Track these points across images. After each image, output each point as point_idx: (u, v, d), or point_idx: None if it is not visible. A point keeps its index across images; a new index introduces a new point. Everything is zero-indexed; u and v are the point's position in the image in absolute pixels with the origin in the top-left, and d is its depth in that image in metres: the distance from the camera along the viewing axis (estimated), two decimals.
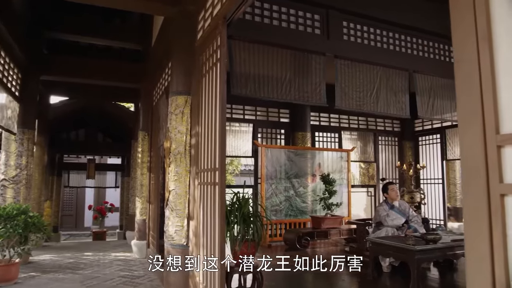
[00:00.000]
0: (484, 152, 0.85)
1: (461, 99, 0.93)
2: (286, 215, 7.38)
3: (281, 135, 8.40)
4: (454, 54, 0.98)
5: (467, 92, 0.91)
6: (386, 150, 9.87)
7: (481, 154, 0.86)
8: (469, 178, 0.91)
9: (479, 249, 0.87)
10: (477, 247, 0.87)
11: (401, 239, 4.31)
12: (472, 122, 0.88)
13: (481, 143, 0.86)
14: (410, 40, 5.50)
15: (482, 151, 0.86)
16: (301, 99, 4.74)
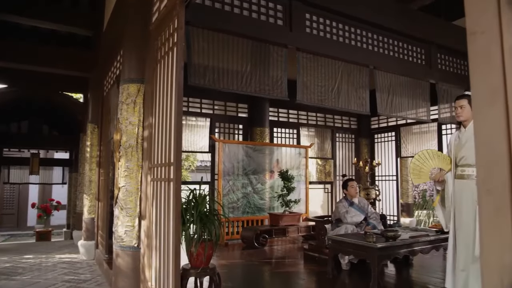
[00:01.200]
0: (508, 140, 0.68)
1: (476, 78, 0.76)
2: (243, 213, 7.20)
3: (239, 130, 8.20)
4: (468, 25, 0.81)
5: (484, 68, 0.74)
6: (343, 147, 9.96)
7: (503, 142, 0.69)
8: (487, 172, 0.74)
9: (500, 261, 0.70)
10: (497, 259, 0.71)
11: (361, 237, 4.25)
12: (493, 102, 0.71)
13: (503, 130, 0.69)
14: (371, 37, 5.47)
15: (504, 138, 0.69)
16: (262, 92, 4.55)
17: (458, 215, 3.28)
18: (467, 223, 3.16)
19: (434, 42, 6.20)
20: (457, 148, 3.37)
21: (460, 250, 3.21)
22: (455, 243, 3.26)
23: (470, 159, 3.25)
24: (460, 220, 3.25)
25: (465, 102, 3.32)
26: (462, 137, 3.36)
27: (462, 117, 3.34)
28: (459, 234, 3.23)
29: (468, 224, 3.15)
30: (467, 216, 3.17)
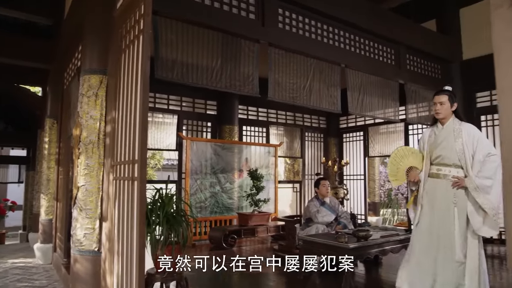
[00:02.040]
0: None
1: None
2: (211, 212, 7.01)
3: (208, 128, 8.00)
4: None
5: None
6: (312, 146, 9.95)
7: None
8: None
9: None
10: None
11: (332, 237, 4.18)
12: None
13: None
14: (343, 35, 5.43)
15: None
16: (233, 88, 4.39)
17: (429, 214, 3.17)
18: (443, 225, 3.07)
19: (403, 43, 6.26)
20: (432, 146, 3.26)
21: (429, 252, 3.10)
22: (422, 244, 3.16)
23: (447, 159, 3.17)
24: (432, 221, 3.14)
25: (445, 98, 3.20)
26: (439, 135, 3.25)
27: (441, 114, 3.22)
28: (430, 235, 3.12)
29: (444, 226, 3.06)
30: (443, 218, 3.08)
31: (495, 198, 2.98)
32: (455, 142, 3.13)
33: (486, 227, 3.01)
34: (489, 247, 6.44)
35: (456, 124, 3.20)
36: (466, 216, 3.03)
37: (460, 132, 3.14)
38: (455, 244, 2.99)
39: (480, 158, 3.04)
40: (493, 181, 2.99)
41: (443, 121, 3.25)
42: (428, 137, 3.34)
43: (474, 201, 3.01)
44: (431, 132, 3.35)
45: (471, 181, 3.00)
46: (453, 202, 3.05)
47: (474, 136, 3.13)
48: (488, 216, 2.98)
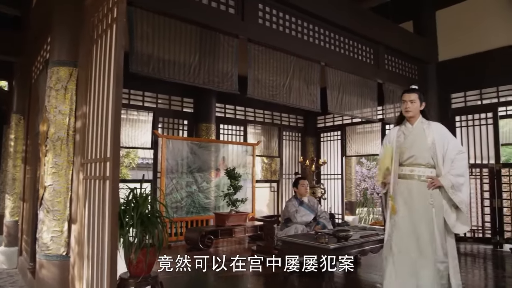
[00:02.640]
0: None
1: None
2: (187, 212, 6.83)
3: (184, 126, 7.80)
4: None
5: None
6: (289, 145, 9.90)
7: None
8: None
9: None
10: None
11: (312, 237, 4.11)
12: None
13: None
14: (323, 33, 5.37)
15: None
16: (211, 84, 4.24)
17: (408, 217, 3.08)
18: (422, 227, 3.01)
19: (382, 43, 6.27)
20: (403, 146, 3.18)
21: (410, 254, 3.03)
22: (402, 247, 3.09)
23: (421, 159, 3.11)
24: (411, 223, 3.06)
25: (416, 97, 3.15)
26: (409, 134, 3.18)
27: (411, 113, 3.15)
28: (409, 237, 3.05)
29: (423, 228, 3.01)
30: (422, 219, 3.02)
31: (466, 195, 3.03)
32: (427, 141, 3.11)
33: (459, 224, 3.05)
34: (462, 245, 6.55)
35: (424, 123, 3.18)
36: (443, 215, 3.03)
37: (431, 131, 3.13)
38: (435, 244, 2.97)
39: (452, 156, 3.05)
40: (465, 179, 3.03)
41: (411, 120, 3.20)
42: (397, 137, 3.24)
43: (448, 199, 3.02)
44: (399, 132, 3.26)
45: (446, 180, 3.00)
46: (430, 203, 3.02)
47: (445, 135, 3.14)
48: (461, 213, 3.02)
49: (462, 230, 3.13)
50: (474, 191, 6.73)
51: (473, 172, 6.72)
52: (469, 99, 7.14)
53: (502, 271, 5.04)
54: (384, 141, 3.42)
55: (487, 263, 5.49)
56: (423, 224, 3.01)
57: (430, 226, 2.99)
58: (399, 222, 3.11)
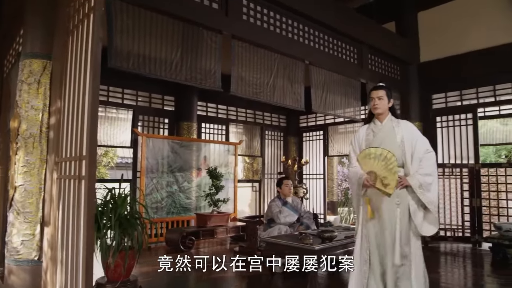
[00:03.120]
0: None
1: None
2: (168, 213, 6.67)
3: (165, 124, 7.62)
4: None
5: None
6: (272, 145, 9.82)
7: None
8: None
9: None
10: None
11: (296, 238, 4.03)
12: None
13: None
14: (307, 31, 5.31)
15: None
16: (193, 81, 4.11)
17: (376, 219, 2.99)
18: (388, 228, 2.91)
19: (366, 43, 6.26)
20: (372, 145, 3.07)
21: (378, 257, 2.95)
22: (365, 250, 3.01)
23: None
24: (378, 226, 2.96)
25: (383, 93, 3.06)
26: (379, 133, 3.08)
27: (379, 109, 3.04)
28: (378, 240, 2.96)
29: (389, 229, 2.91)
30: (388, 221, 2.92)
31: (435, 195, 2.97)
32: (396, 139, 3.02)
33: (427, 224, 2.96)
34: (442, 244, 6.62)
35: (394, 121, 3.09)
36: (408, 216, 2.94)
37: (400, 129, 3.04)
38: (395, 247, 2.87)
39: (420, 155, 2.97)
40: (433, 178, 2.96)
41: (380, 118, 3.10)
42: (366, 135, 3.15)
43: (417, 199, 2.93)
44: (368, 130, 3.16)
45: (414, 180, 2.91)
46: (396, 203, 2.93)
47: (414, 133, 3.06)
48: (429, 213, 2.94)
49: (429, 231, 2.98)
50: (454, 191, 6.80)
51: (453, 172, 6.80)
52: (449, 100, 7.22)
53: (481, 269, 5.09)
54: (353, 140, 3.29)
55: (467, 262, 5.54)
56: (388, 226, 2.92)
57: (393, 227, 2.90)
58: (368, 226, 3.02)
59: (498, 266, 5.12)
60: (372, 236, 2.98)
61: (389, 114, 3.11)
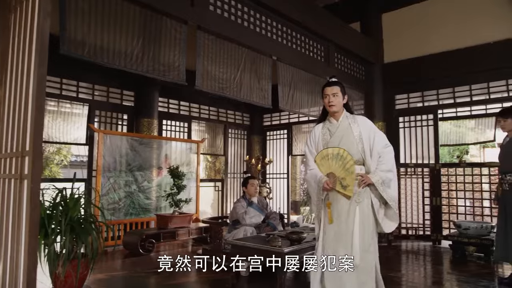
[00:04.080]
0: None
1: None
2: (126, 214, 6.30)
3: (124, 120, 7.21)
4: None
5: None
6: (235, 144, 9.62)
7: None
8: None
9: None
10: None
11: (264, 240, 3.86)
12: None
13: None
14: (276, 26, 5.16)
15: None
16: (156, 73, 3.83)
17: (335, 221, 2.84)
18: (347, 229, 2.78)
19: (333, 41, 6.21)
20: (330, 144, 2.92)
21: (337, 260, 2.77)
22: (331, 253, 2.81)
23: None
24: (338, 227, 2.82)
25: (338, 89, 2.92)
26: (336, 131, 2.92)
27: (335, 107, 2.89)
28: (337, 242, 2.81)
29: (347, 230, 2.78)
30: (346, 222, 2.79)
31: (395, 191, 2.93)
32: (354, 136, 2.90)
33: (388, 221, 2.91)
34: (404, 242, 6.70)
35: (349, 118, 2.96)
36: (367, 214, 2.82)
37: (357, 125, 2.92)
38: (352, 246, 2.74)
39: (379, 150, 2.89)
40: (393, 174, 2.90)
41: (336, 115, 2.96)
42: (322, 135, 2.98)
43: (379, 196, 2.85)
44: (324, 129, 3.00)
45: (377, 176, 2.82)
46: (356, 201, 2.81)
47: (370, 128, 2.96)
48: (390, 209, 2.89)
49: (391, 227, 2.92)
50: (416, 190, 6.91)
51: (415, 171, 6.90)
52: (412, 101, 7.34)
53: (441, 267, 5.16)
54: (308, 140, 3.09)
55: (428, 260, 5.61)
56: (347, 225, 2.79)
57: (351, 226, 2.77)
58: (328, 228, 2.88)
59: (457, 263, 5.21)
60: (331, 237, 2.84)
61: (344, 111, 2.99)
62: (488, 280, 4.31)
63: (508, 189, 4.07)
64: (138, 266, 4.89)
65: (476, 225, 5.46)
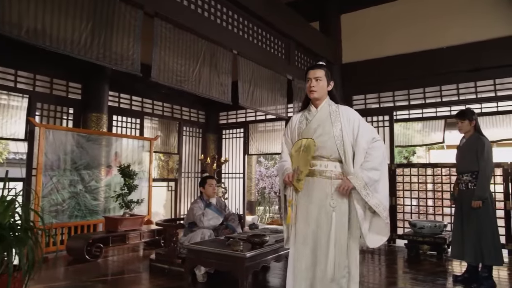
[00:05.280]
0: None
1: None
2: (71, 217, 5.78)
3: (69, 114, 6.64)
4: None
5: None
6: (189, 142, 9.28)
7: None
8: None
9: None
10: None
11: (223, 244, 3.62)
12: None
13: None
14: (237, 19, 4.94)
15: None
16: (107, 61, 3.46)
17: (304, 223, 2.50)
18: (320, 236, 2.45)
19: (294, 38, 6.11)
20: (304, 134, 2.59)
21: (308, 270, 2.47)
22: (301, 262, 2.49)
23: (324, 149, 2.52)
24: (308, 231, 2.48)
25: (322, 73, 2.60)
26: (313, 120, 2.58)
27: (316, 93, 2.57)
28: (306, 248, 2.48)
29: (321, 237, 2.44)
30: (320, 227, 2.45)
31: (384, 195, 2.53)
32: (333, 127, 2.52)
33: (374, 234, 2.52)
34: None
35: (332, 107, 2.60)
36: (346, 222, 2.47)
37: (338, 115, 2.55)
38: (329, 257, 2.41)
39: (364, 146, 2.50)
40: (380, 173, 2.50)
41: (317, 103, 2.62)
42: (298, 123, 2.65)
43: (363, 202, 2.47)
44: (301, 117, 2.68)
45: (358, 179, 2.43)
46: (331, 206, 2.46)
47: (355, 120, 2.56)
48: (378, 219, 2.50)
49: (376, 241, 2.54)
50: None
51: None
52: (368, 102, 7.42)
53: (397, 266, 5.20)
54: (286, 130, 2.79)
55: (383, 259, 5.65)
56: (321, 232, 2.45)
57: (326, 234, 2.43)
58: (297, 232, 2.53)
59: (413, 262, 5.28)
60: (301, 243, 2.49)
61: (327, 98, 2.64)
62: (443, 278, 4.38)
63: (465, 189, 4.13)
64: (83, 274, 4.46)
65: (430, 224, 5.57)
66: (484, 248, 3.90)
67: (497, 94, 6.33)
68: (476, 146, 4.04)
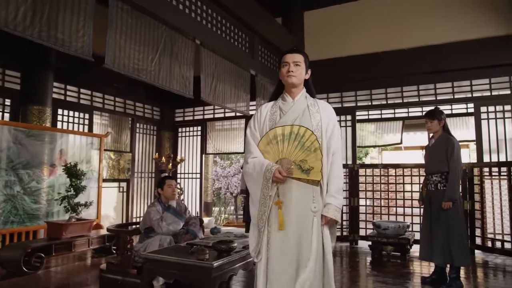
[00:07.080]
0: None
1: None
2: (6, 223, 5.10)
3: (6, 106, 5.92)
4: None
5: None
6: (143, 139, 8.73)
7: None
8: None
9: None
10: None
11: (186, 252, 3.24)
12: None
13: None
14: (200, 6, 4.56)
15: None
16: (53, 41, 2.96)
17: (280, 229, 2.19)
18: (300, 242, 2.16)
19: (258, 32, 5.84)
20: (276, 126, 2.27)
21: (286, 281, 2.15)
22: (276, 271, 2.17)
23: None
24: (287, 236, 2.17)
25: (301, 58, 2.31)
26: (289, 111, 2.29)
27: (295, 78, 2.27)
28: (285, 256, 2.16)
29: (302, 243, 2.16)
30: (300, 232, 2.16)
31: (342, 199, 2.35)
32: (312, 121, 2.25)
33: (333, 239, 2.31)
34: None
35: (309, 100, 2.35)
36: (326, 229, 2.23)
37: (317, 110, 2.30)
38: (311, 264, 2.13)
39: (334, 147, 2.28)
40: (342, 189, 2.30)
41: (293, 92, 2.33)
42: (271, 115, 2.33)
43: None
44: (274, 108, 2.35)
45: (335, 209, 2.19)
46: (313, 210, 2.19)
47: (331, 118, 2.33)
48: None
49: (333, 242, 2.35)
50: None
51: None
52: (331, 101, 7.31)
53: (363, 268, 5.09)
54: (251, 122, 2.40)
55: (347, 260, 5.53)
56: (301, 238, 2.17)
57: (308, 241, 2.16)
58: (271, 239, 2.21)
59: (378, 263, 5.20)
60: (277, 249, 2.17)
61: (303, 90, 2.37)
62: (411, 280, 4.30)
63: (434, 190, 4.07)
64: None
65: (394, 225, 5.51)
66: (453, 249, 3.85)
67: (454, 97, 6.45)
68: (446, 147, 3.98)
